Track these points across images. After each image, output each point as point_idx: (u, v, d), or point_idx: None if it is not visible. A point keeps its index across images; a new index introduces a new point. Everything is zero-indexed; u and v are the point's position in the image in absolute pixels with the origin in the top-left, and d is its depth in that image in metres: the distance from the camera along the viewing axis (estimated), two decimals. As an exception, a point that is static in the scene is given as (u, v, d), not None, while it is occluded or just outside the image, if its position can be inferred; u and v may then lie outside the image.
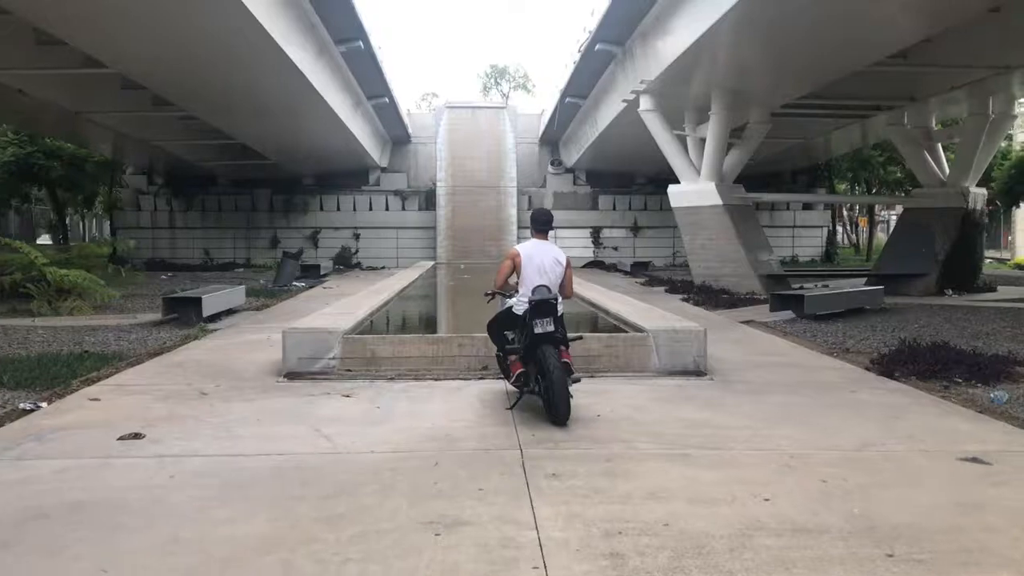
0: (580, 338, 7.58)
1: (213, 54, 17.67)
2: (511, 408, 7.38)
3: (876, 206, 42.25)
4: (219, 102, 22.44)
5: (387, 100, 28.90)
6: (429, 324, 15.47)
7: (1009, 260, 36.27)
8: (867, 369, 9.79)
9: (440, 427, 6.80)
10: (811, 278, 23.24)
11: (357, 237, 36.62)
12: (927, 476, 5.51)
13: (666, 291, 21.78)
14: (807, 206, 37.01)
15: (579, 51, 23.48)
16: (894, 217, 66.13)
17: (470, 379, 8.94)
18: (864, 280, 21.84)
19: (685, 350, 9.31)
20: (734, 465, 5.74)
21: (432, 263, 33.33)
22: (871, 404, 7.83)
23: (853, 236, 49.09)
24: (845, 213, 46.74)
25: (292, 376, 9.03)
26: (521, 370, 7.19)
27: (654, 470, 5.60)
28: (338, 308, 11.93)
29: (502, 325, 7.54)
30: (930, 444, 6.32)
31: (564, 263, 7.42)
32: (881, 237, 53.26)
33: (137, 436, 6.51)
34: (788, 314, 15.37)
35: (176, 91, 21.48)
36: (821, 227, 38.02)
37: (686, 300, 19.13)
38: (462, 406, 7.68)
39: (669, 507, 4.85)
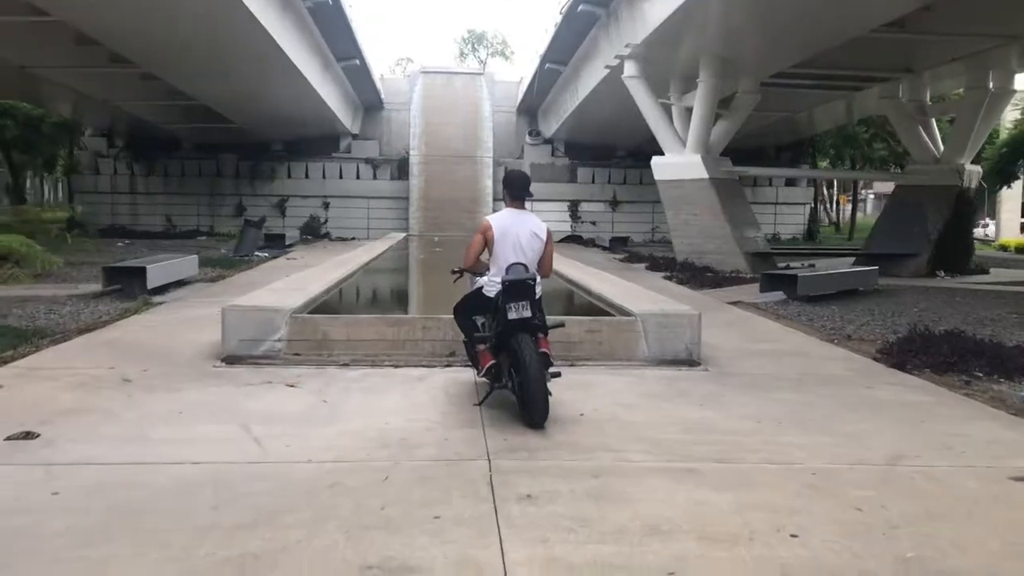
0: (561, 325, 6.53)
1: (167, 4, 16.32)
2: (480, 404, 6.35)
3: (859, 184, 41.50)
4: (177, 60, 21.08)
5: (358, 62, 27.56)
6: (393, 303, 14.23)
7: (993, 241, 35.64)
8: (875, 360, 8.85)
9: (395, 428, 5.75)
10: (796, 256, 22.42)
11: (326, 206, 35.30)
12: (983, 504, 4.53)
13: (647, 268, 20.79)
14: (790, 182, 36.14)
15: (561, 12, 22.30)
16: (872, 196, 65.78)
17: (435, 366, 7.89)
18: (853, 260, 21.00)
19: (677, 336, 8.31)
20: (749, 484, 4.73)
21: (404, 235, 32.13)
22: (890, 404, 6.87)
23: (833, 214, 48.34)
24: (825, 191, 45.97)
25: (231, 360, 7.92)
26: (492, 362, 6.14)
27: (653, 491, 4.58)
28: (291, 282, 10.80)
29: (471, 309, 6.48)
30: (973, 458, 5.35)
31: (544, 237, 6.36)
32: (860, 216, 52.75)
33: (29, 435, 5.41)
34: (779, 295, 14.44)
35: (130, 46, 20.11)
36: (804, 204, 37.15)
37: (669, 278, 18.15)
38: (423, 400, 6.62)
39: (675, 547, 3.83)
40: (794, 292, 14.08)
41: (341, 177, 35.56)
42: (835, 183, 47.60)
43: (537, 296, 6.09)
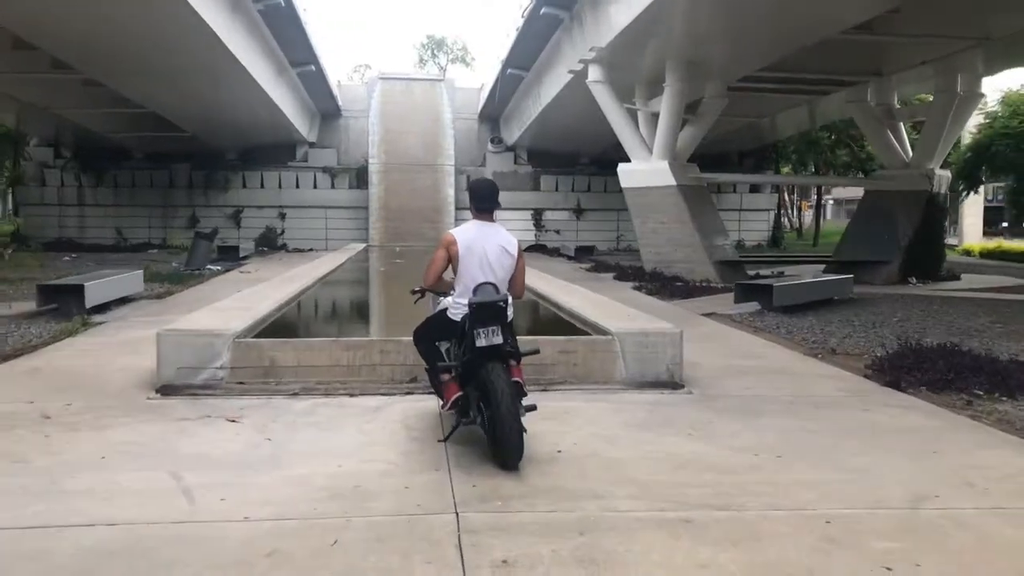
0: (536, 351, 5.84)
1: (104, 5, 15.44)
2: (445, 440, 5.66)
3: (821, 189, 41.43)
4: (119, 65, 20.12)
5: (313, 68, 26.73)
6: (350, 322, 13.33)
7: (957, 246, 35.66)
8: (866, 377, 8.32)
9: (348, 473, 5.03)
10: (765, 264, 22.01)
11: (283, 217, 34.32)
12: (1028, 558, 3.94)
13: (615, 278, 20.20)
14: (754, 189, 35.88)
15: (523, 15, 21.68)
16: (831, 201, 66.03)
17: (394, 394, 7.18)
18: (823, 267, 20.63)
19: (657, 357, 7.68)
20: (755, 538, 4.09)
21: (364, 245, 31.32)
22: (893, 430, 6.30)
23: (796, 220, 48.29)
24: (787, 197, 45.89)
25: (168, 391, 7.15)
26: (458, 394, 5.45)
27: (648, 550, 3.92)
28: (239, 300, 10.01)
29: (433, 333, 5.79)
30: (1000, 497, 4.76)
31: (515, 253, 5.69)
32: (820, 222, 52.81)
33: (-85, 492, 4.61)
34: (753, 305, 13.92)
35: (67, 50, 19.12)
36: (768, 211, 36.90)
37: (638, 288, 17.56)
38: (381, 437, 5.92)
39: (683, 631, 3.17)
40: (770, 303, 13.56)
41: (298, 187, 34.61)
42: (795, 189, 47.63)
43: (509, 319, 5.42)
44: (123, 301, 13.96)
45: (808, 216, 50.31)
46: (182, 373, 7.28)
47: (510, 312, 5.48)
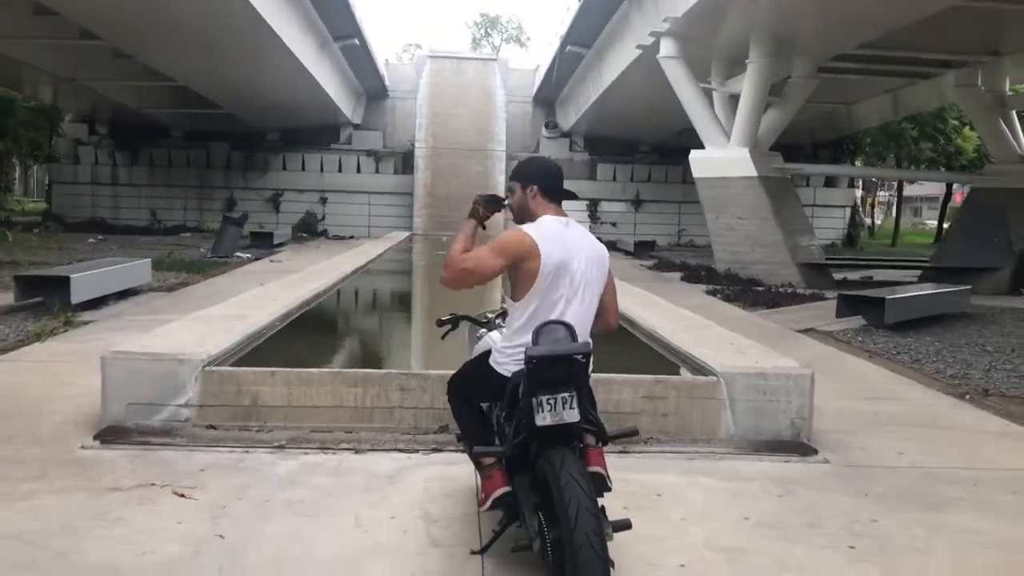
0: (634, 433, 3.74)
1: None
2: (482, 552, 3.67)
3: (902, 185, 38.62)
4: (144, 34, 18.43)
5: (357, 42, 24.82)
6: (368, 341, 10.51)
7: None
8: (1057, 438, 6.14)
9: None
10: (851, 268, 19.70)
11: (324, 202, 32.53)
12: None
13: (683, 279, 17.97)
14: (829, 183, 33.23)
15: (587, -18, 19.56)
16: (891, 199, 62.10)
17: (416, 450, 5.21)
18: (920, 273, 18.24)
19: (778, 407, 5.60)
20: None
21: (407, 234, 29.47)
22: None
23: (868, 219, 45.38)
24: (862, 193, 43.06)
25: (111, 437, 5.26)
26: (504, 490, 3.45)
27: None
28: (236, 304, 8.09)
29: (472, 388, 3.77)
30: None
31: (608, 266, 3.67)
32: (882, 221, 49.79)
33: None
34: (857, 320, 11.72)
35: (89, 16, 17.47)
36: (844, 207, 34.15)
37: (712, 293, 15.35)
38: (389, 537, 3.96)
39: None
40: (878, 318, 11.32)
41: (340, 170, 32.80)
42: (863, 184, 44.67)
43: (588, 376, 3.39)
44: (125, 294, 12.25)
45: (878, 214, 47.42)
46: (134, 411, 5.39)
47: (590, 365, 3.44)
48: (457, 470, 4.74)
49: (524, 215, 3.66)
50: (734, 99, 17.61)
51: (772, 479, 4.98)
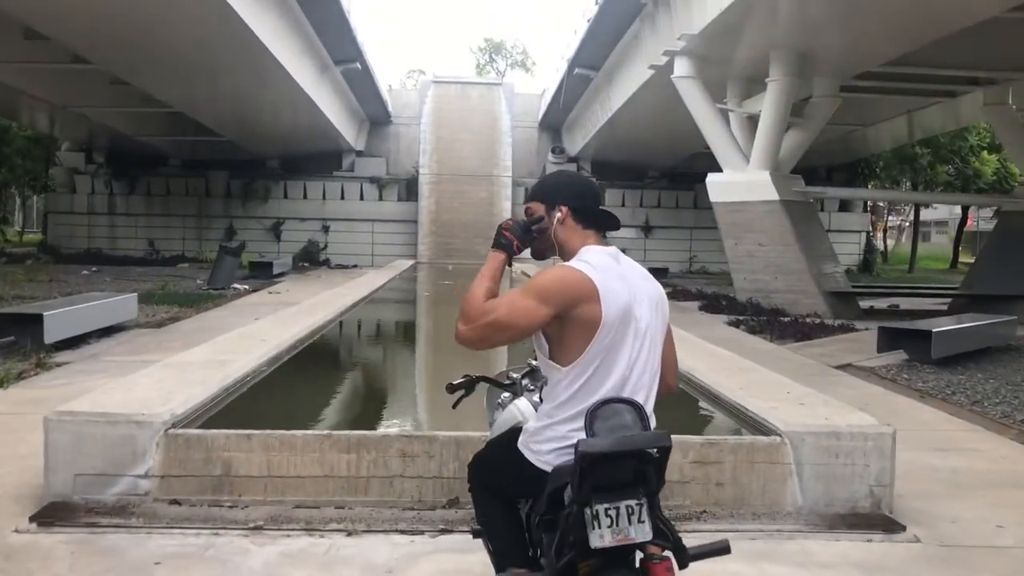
0: (725, 550, 2.82)
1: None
2: None
3: (919, 209, 37.76)
4: (136, 58, 17.70)
5: (359, 66, 24.12)
6: (368, 393, 8.96)
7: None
8: None
9: None
10: (876, 296, 18.78)
11: (326, 230, 31.73)
12: None
13: (701, 308, 17.07)
14: (844, 207, 32.39)
15: (596, 2, 18.77)
16: (907, 224, 61.17)
17: (421, 531, 4.32)
18: (950, 301, 17.36)
19: (854, 472, 4.69)
20: None
21: (412, 262, 28.67)
22: None
23: (881, 244, 44.52)
24: (876, 217, 42.22)
25: (53, 517, 4.37)
26: (542, 623, 2.54)
27: None
28: (215, 347, 7.20)
29: (497, 476, 2.84)
30: None
31: (667, 309, 2.79)
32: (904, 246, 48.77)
33: None
34: (898, 355, 10.80)
35: (80, 40, 16.77)
36: (859, 232, 33.28)
37: (735, 325, 14.43)
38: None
39: None
40: (922, 352, 10.38)
41: (343, 198, 32.05)
42: (873, 208, 43.83)
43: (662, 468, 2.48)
44: (109, 331, 11.39)
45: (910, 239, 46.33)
46: (84, 484, 4.51)
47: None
48: (472, 560, 3.83)
49: (546, 247, 2.75)
50: (751, 120, 16.82)
51: (856, 565, 4.07)
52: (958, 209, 48.98)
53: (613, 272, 2.57)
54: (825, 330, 13.65)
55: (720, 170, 17.25)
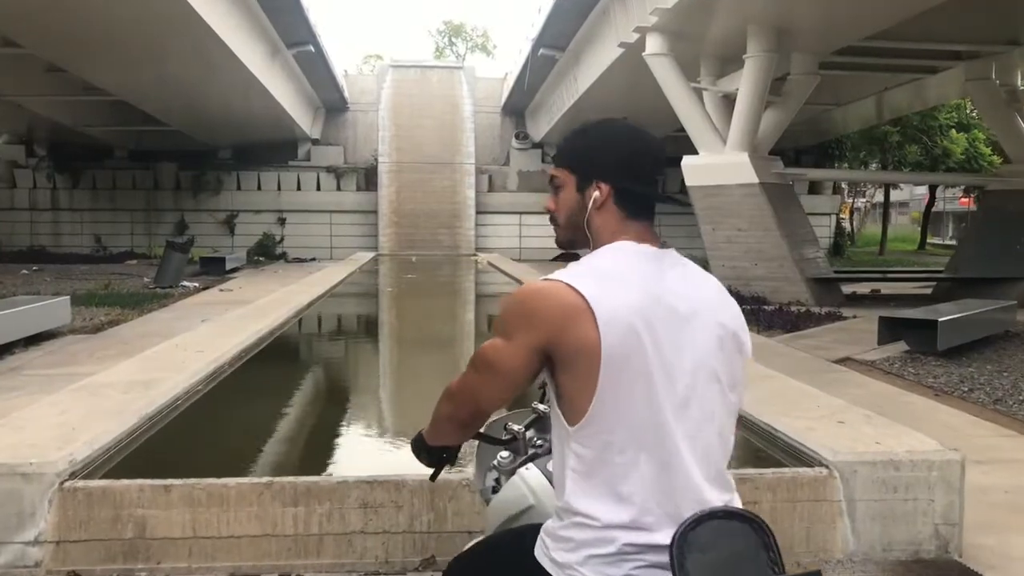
0: None
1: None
2: None
3: (888, 190, 37.50)
4: (72, 41, 16.41)
5: (312, 48, 22.92)
6: (322, 421, 6.87)
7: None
8: None
9: None
10: (857, 281, 18.18)
11: (282, 223, 30.46)
12: None
13: (677, 299, 16.31)
14: (813, 190, 31.81)
15: (562, -21, 17.90)
16: (868, 204, 61.06)
17: (388, 605, 3.39)
18: (935, 284, 16.78)
19: (915, 510, 3.87)
20: None
21: (373, 254, 27.63)
22: None
23: (848, 226, 44.22)
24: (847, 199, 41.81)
25: (-91, 603, 3.38)
26: None
27: None
28: (146, 361, 6.19)
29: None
30: None
31: (747, 339, 1.91)
32: (869, 228, 48.61)
33: None
34: (898, 345, 10.10)
35: (4, 23, 15.47)
36: (829, 215, 32.75)
37: (716, 315, 13.66)
38: None
39: None
40: (926, 343, 9.67)
41: (299, 188, 30.78)
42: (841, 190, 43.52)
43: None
44: (37, 338, 10.30)
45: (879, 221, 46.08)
46: (-44, 553, 3.52)
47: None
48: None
49: (577, 234, 1.89)
50: (727, 100, 16.04)
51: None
52: (920, 190, 48.93)
53: (632, 280, 1.70)
54: (813, 319, 12.94)
55: (695, 152, 16.43)
